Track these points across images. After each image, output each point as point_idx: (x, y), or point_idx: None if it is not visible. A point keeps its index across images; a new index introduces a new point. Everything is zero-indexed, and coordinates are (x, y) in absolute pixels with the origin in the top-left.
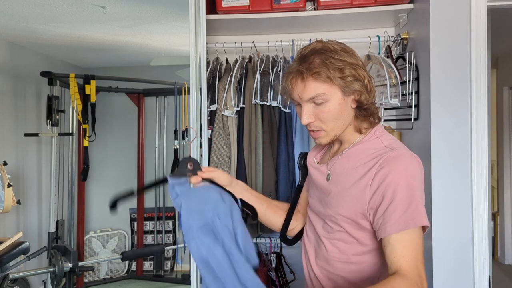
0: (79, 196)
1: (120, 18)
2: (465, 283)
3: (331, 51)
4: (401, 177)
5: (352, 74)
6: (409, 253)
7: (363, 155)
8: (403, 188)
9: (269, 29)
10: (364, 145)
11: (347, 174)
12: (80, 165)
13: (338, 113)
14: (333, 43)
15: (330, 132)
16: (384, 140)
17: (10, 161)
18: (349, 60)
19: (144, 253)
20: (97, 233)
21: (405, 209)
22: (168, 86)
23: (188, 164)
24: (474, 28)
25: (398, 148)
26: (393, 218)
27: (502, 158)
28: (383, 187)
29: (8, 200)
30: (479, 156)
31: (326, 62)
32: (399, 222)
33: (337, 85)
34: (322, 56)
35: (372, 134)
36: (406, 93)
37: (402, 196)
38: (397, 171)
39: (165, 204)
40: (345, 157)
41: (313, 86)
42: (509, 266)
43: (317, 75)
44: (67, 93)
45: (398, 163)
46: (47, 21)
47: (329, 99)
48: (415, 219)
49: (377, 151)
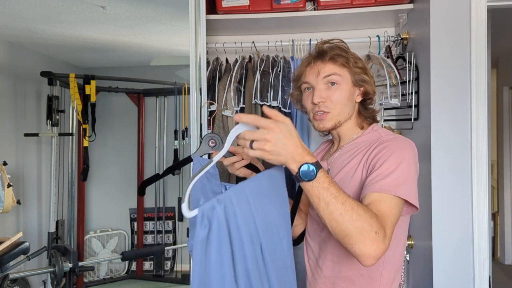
0: (79, 196)
1: (120, 18)
2: (465, 283)
3: (344, 47)
4: (395, 151)
5: (363, 66)
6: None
7: (361, 146)
8: (396, 159)
9: (269, 29)
10: (362, 138)
11: (347, 163)
12: (80, 165)
13: (347, 99)
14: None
15: (336, 116)
16: (381, 132)
17: (10, 161)
18: (358, 56)
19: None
20: (97, 233)
21: (392, 177)
22: (168, 86)
23: (210, 141)
24: (474, 28)
25: (395, 136)
26: (382, 180)
27: (502, 158)
28: (377, 157)
29: (8, 200)
30: (479, 156)
31: (342, 53)
32: (382, 185)
33: (350, 72)
34: (339, 48)
35: (370, 129)
36: (406, 93)
37: (392, 165)
38: (392, 146)
39: (165, 204)
40: (344, 150)
41: (331, 66)
42: (509, 266)
43: (336, 59)
44: (67, 93)
45: (393, 142)
46: (47, 21)
47: (342, 83)
48: (398, 188)
49: (375, 140)
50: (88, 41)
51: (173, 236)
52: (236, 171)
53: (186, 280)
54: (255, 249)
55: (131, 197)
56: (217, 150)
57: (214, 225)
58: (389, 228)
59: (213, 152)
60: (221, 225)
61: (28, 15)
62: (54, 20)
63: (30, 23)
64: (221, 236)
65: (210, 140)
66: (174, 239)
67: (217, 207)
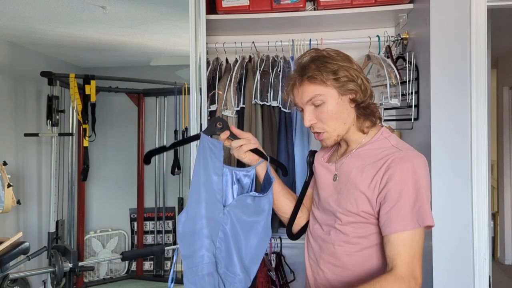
0: (79, 196)
1: (120, 18)
2: (465, 283)
3: (324, 57)
4: (408, 178)
5: (345, 75)
6: (406, 251)
7: (371, 154)
8: (409, 188)
9: (269, 29)
10: (373, 145)
11: (356, 173)
12: (80, 165)
13: (337, 113)
14: (328, 50)
15: (333, 133)
16: (391, 140)
17: (10, 161)
18: (342, 63)
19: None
20: (97, 233)
21: (409, 210)
22: (168, 86)
23: (217, 123)
24: (474, 28)
25: (406, 149)
26: (397, 217)
27: (502, 158)
28: (390, 186)
29: (8, 200)
30: (479, 156)
31: (319, 67)
32: (402, 222)
33: (332, 86)
34: (316, 62)
35: (380, 134)
36: (406, 93)
37: (407, 197)
38: (404, 171)
39: (165, 204)
40: (353, 157)
41: (310, 89)
42: (509, 266)
43: (312, 79)
44: (67, 93)
45: (405, 164)
46: (47, 21)
47: (327, 100)
48: (418, 220)
49: (385, 150)
50: (88, 41)
51: (173, 236)
52: (242, 155)
53: None
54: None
55: (131, 197)
56: (226, 131)
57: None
58: (417, 265)
59: (222, 133)
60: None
61: (28, 15)
62: (54, 20)
63: (30, 23)
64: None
65: (218, 122)
66: (174, 239)
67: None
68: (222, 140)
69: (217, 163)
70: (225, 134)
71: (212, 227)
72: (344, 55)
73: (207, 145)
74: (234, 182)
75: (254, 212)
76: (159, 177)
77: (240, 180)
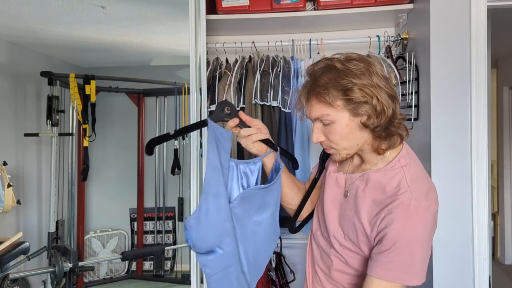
0: (79, 196)
1: (120, 18)
2: (465, 283)
3: (338, 70)
4: (405, 232)
5: (358, 96)
6: None
7: (382, 187)
8: (404, 244)
9: (269, 29)
10: (387, 175)
11: (362, 203)
12: (80, 165)
13: (347, 134)
14: (344, 59)
15: (342, 151)
16: (407, 173)
17: (10, 161)
18: (357, 79)
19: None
20: (97, 233)
21: (398, 264)
22: (168, 86)
23: (225, 108)
24: (474, 28)
25: (418, 195)
26: (383, 265)
27: (502, 158)
28: (387, 230)
29: (8, 200)
30: (479, 156)
31: (328, 84)
32: (385, 271)
33: (342, 107)
34: (328, 75)
35: (397, 161)
36: (406, 93)
37: (401, 250)
38: (406, 222)
39: (165, 204)
40: (364, 180)
41: (318, 107)
42: (509, 266)
43: (320, 97)
44: (67, 93)
45: (410, 215)
46: (47, 21)
47: (336, 120)
48: (402, 277)
49: (397, 187)
50: (88, 41)
51: (173, 236)
52: (250, 145)
53: (186, 280)
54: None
55: (131, 197)
56: (235, 119)
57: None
58: None
59: (230, 121)
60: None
61: (28, 15)
62: (54, 20)
63: (30, 23)
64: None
65: (226, 107)
66: (174, 239)
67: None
68: (230, 128)
69: (224, 155)
70: (234, 122)
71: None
72: (364, 67)
73: (214, 133)
74: (240, 176)
75: (259, 207)
76: (159, 177)
77: (246, 174)
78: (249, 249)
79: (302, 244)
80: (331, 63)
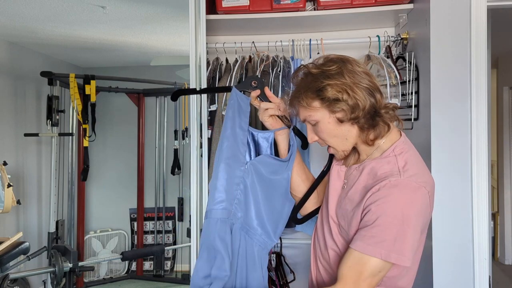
0: (79, 196)
1: (120, 18)
2: (465, 283)
3: (312, 75)
4: (388, 209)
5: (329, 95)
6: (354, 274)
7: (375, 175)
8: (386, 220)
9: (269, 29)
10: (380, 163)
11: (355, 191)
12: (80, 165)
13: (334, 130)
14: (321, 62)
15: (337, 148)
16: (400, 160)
17: (10, 161)
18: (329, 80)
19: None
20: (97, 233)
21: (378, 240)
22: (168, 86)
23: (252, 82)
24: (474, 28)
25: (409, 176)
26: (365, 239)
27: (502, 158)
28: (370, 207)
29: (8, 200)
30: (479, 156)
31: (304, 89)
32: (366, 245)
33: (320, 106)
34: (305, 81)
35: (391, 151)
36: (406, 93)
37: (381, 228)
38: (388, 200)
39: (165, 204)
40: (359, 171)
41: (301, 110)
42: (509, 266)
43: (301, 101)
44: (67, 93)
45: (393, 193)
46: (47, 21)
47: (319, 119)
48: (381, 253)
49: (387, 173)
50: (88, 41)
51: (173, 236)
52: (265, 117)
53: (186, 280)
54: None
55: (131, 197)
56: (257, 90)
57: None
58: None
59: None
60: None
61: (28, 15)
62: (54, 20)
63: (30, 23)
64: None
65: (253, 81)
66: (174, 239)
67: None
68: (253, 98)
69: (244, 118)
70: (256, 93)
71: (232, 179)
72: (337, 66)
73: (236, 99)
74: (254, 143)
75: (275, 172)
76: (159, 177)
77: (258, 142)
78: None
79: (302, 244)
80: (307, 70)
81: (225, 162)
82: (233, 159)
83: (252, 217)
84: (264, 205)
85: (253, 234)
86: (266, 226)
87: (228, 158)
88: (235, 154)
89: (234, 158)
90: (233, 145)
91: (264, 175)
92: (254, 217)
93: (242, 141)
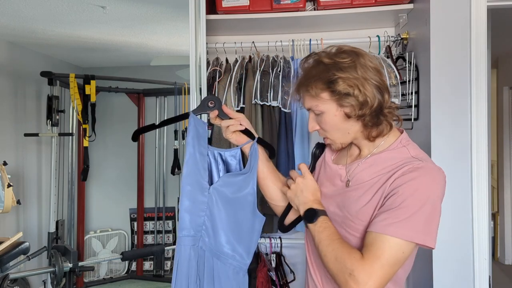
0: (79, 196)
1: (120, 18)
2: (465, 283)
3: (324, 65)
4: (421, 188)
5: (340, 89)
6: (378, 254)
7: (389, 163)
8: (419, 199)
9: (269, 29)
10: (390, 154)
11: (370, 181)
12: (80, 165)
13: (338, 124)
14: (334, 52)
15: (336, 141)
16: (411, 149)
17: (10, 161)
18: (342, 72)
19: (144, 253)
20: (97, 233)
21: (406, 220)
22: (168, 86)
23: (209, 102)
24: (474, 28)
25: (425, 160)
26: (392, 221)
27: (502, 158)
28: (396, 191)
29: (8, 200)
30: (479, 156)
31: (315, 78)
32: (394, 227)
33: (328, 98)
34: (316, 69)
35: (398, 142)
36: (406, 93)
37: (408, 209)
38: (417, 181)
39: (165, 204)
40: (367, 163)
41: (308, 99)
42: (509, 266)
43: (309, 89)
44: (67, 93)
45: (422, 173)
46: (47, 21)
47: (325, 111)
48: (412, 236)
49: (404, 160)
50: (88, 41)
51: (173, 236)
52: (229, 135)
53: None
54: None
55: (131, 197)
56: (215, 110)
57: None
58: (378, 269)
59: (211, 112)
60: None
61: (28, 15)
62: (54, 20)
63: (30, 23)
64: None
65: (210, 101)
66: (174, 239)
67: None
68: (212, 119)
69: (202, 143)
70: (214, 113)
71: (196, 204)
72: (351, 59)
73: (193, 125)
74: (221, 163)
75: (240, 189)
76: (159, 177)
77: (226, 161)
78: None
79: (302, 244)
80: (319, 58)
81: (187, 188)
82: (195, 185)
83: (222, 243)
84: (234, 229)
85: (225, 259)
86: (238, 249)
87: (190, 184)
88: (197, 180)
89: (196, 184)
90: (194, 171)
91: (229, 196)
92: (224, 243)
93: (203, 166)
